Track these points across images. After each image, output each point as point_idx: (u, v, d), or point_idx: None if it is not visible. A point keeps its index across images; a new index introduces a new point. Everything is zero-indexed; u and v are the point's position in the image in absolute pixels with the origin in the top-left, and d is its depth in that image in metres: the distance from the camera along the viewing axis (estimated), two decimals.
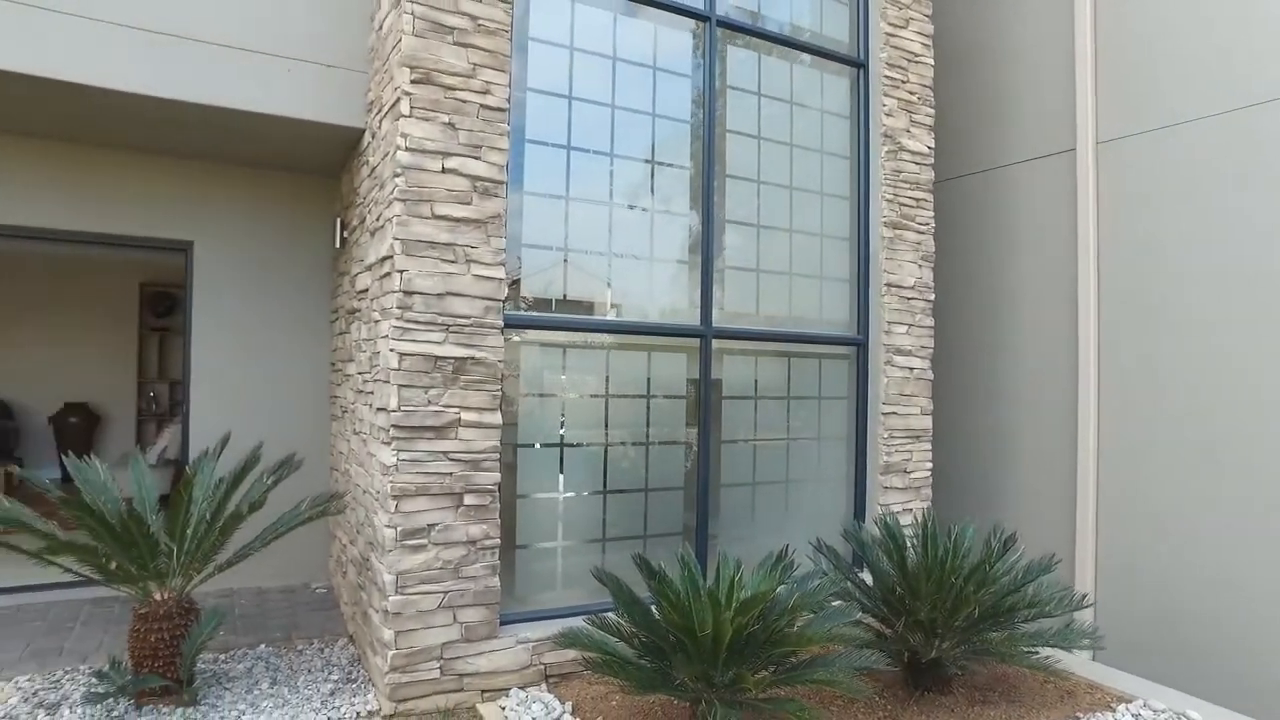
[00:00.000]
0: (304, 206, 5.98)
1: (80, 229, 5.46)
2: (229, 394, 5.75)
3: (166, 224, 5.63)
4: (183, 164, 5.66)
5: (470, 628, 4.01)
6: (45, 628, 4.91)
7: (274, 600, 5.55)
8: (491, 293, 4.11)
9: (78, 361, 10.48)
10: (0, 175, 5.23)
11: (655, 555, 4.32)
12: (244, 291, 5.83)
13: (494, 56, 4.09)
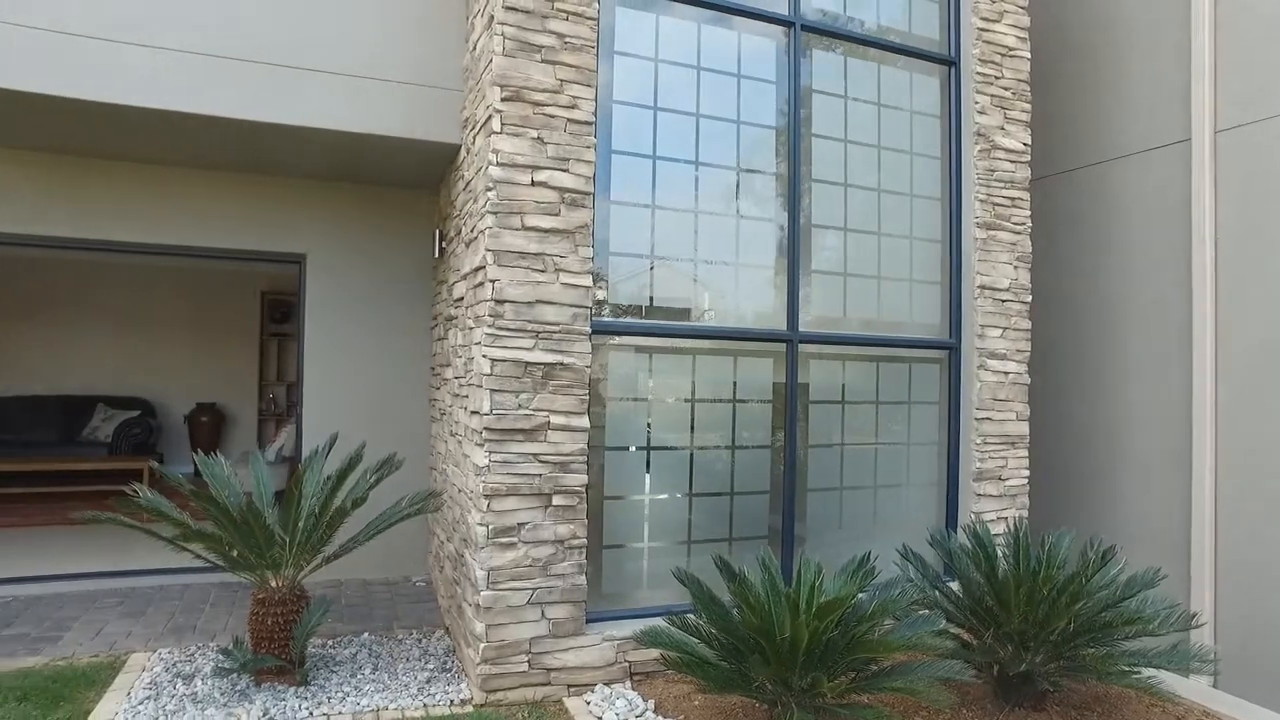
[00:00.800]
0: (407, 219, 6.30)
1: (209, 245, 5.95)
2: (338, 396, 6.12)
3: (282, 239, 6.06)
4: (297, 183, 6.08)
5: (558, 624, 4.16)
6: (182, 606, 5.37)
7: (377, 592, 5.88)
8: (579, 300, 4.25)
9: (208, 365, 11.32)
10: (148, 200, 5.76)
11: (740, 558, 4.36)
12: (352, 300, 6.20)
13: (580, 72, 4.23)
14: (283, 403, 11.53)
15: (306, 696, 4.03)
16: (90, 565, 5.95)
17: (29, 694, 3.99)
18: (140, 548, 4.32)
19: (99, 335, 10.87)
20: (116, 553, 6.02)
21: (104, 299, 10.87)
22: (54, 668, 4.35)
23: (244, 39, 4.69)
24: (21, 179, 5.55)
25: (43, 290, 10.67)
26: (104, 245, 5.94)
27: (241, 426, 11.44)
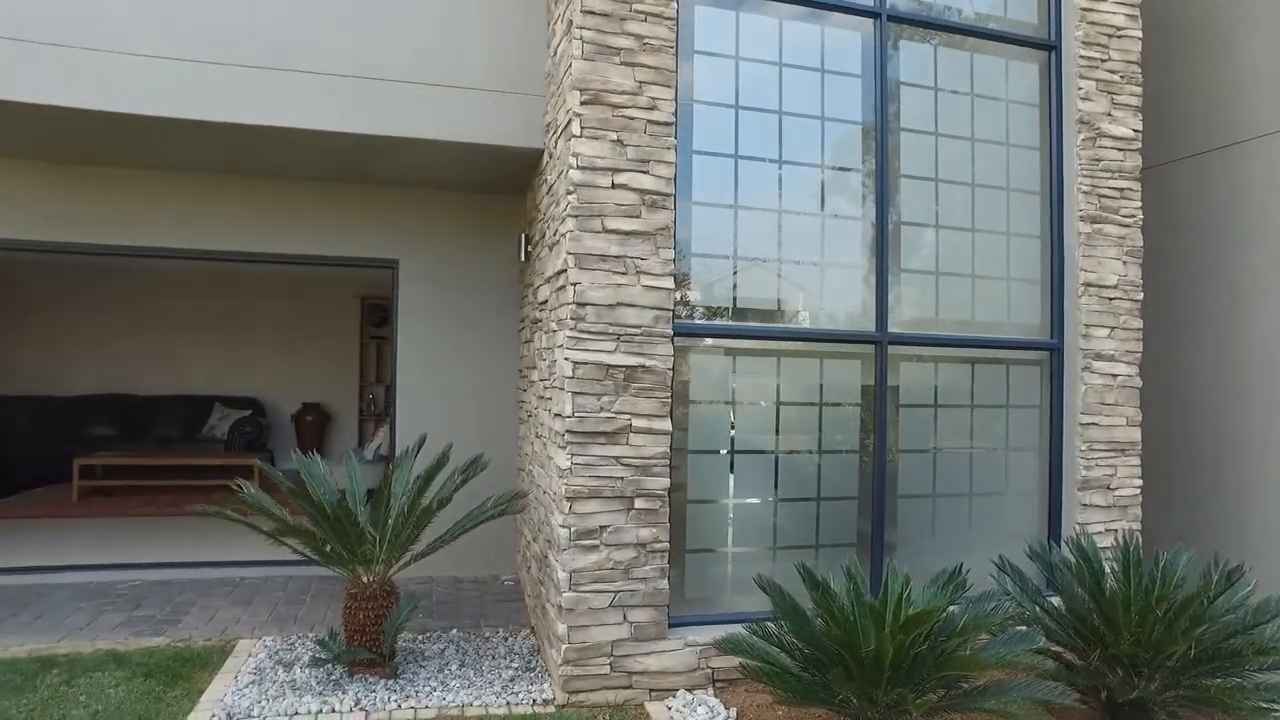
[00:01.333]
0: (494, 224, 6.43)
1: (309, 252, 6.24)
2: (429, 397, 6.29)
3: (376, 245, 6.28)
4: (389, 191, 6.29)
5: (639, 627, 4.15)
6: (285, 598, 5.64)
7: (467, 590, 6.02)
8: (661, 302, 4.23)
9: (313, 367, 11.88)
10: (254, 212, 6.09)
11: (827, 565, 4.26)
12: (442, 304, 6.37)
13: (659, 73, 4.21)
14: (381, 403, 11.97)
15: (395, 689, 4.15)
16: (206, 555, 6.33)
17: (153, 671, 4.30)
18: (250, 540, 4.56)
19: (217, 339, 11.57)
20: (229, 544, 6.37)
21: (219, 306, 11.56)
22: (174, 648, 4.65)
23: (344, 58, 4.88)
24: (170, 197, 6.00)
25: (167, 298, 11.43)
26: (217, 255, 6.30)
27: (344, 426, 11.95)
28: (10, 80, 4.48)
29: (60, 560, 6.18)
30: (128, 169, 5.91)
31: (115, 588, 5.75)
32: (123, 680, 4.19)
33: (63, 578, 5.91)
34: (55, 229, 5.88)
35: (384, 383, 11.93)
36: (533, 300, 5.57)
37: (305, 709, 3.92)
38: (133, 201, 5.95)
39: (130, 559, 6.26)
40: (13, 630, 4.88)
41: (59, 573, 5.97)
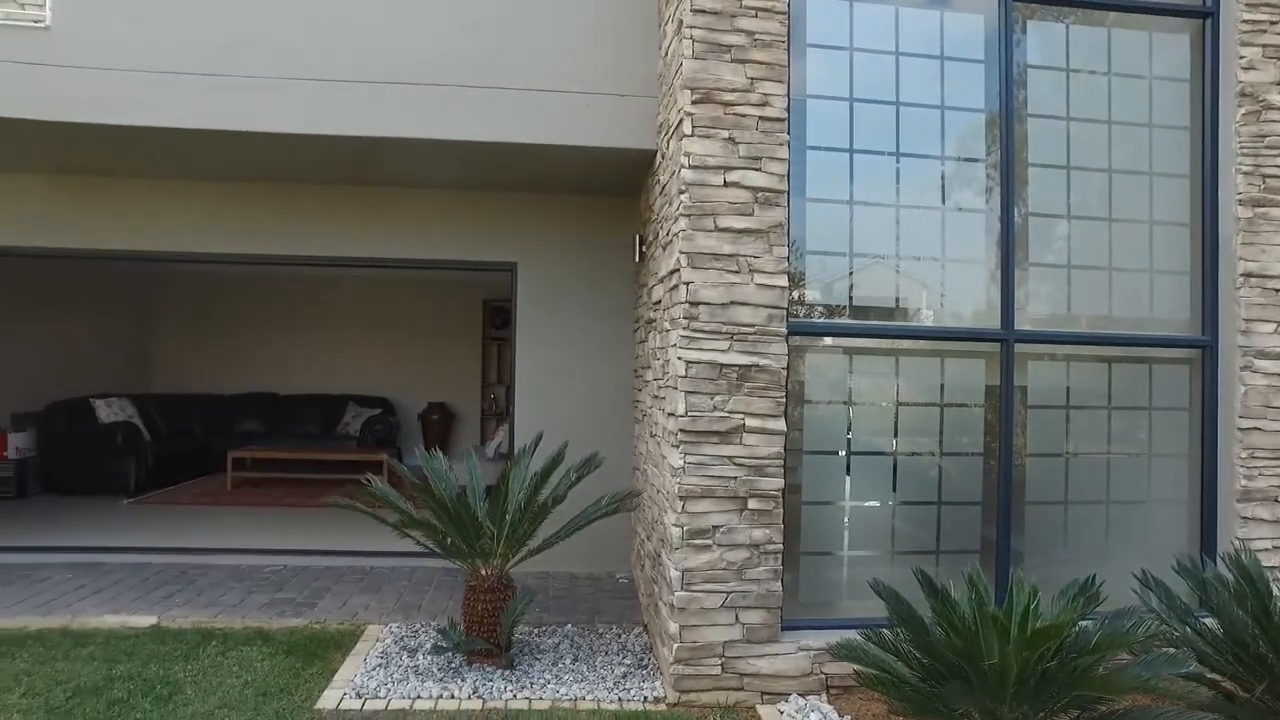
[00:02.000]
0: (609, 226, 6.52)
1: (432, 257, 6.52)
2: (546, 397, 6.45)
3: (495, 249, 6.50)
4: (508, 196, 6.49)
5: (751, 629, 4.10)
6: (410, 587, 5.91)
7: (582, 586, 6.12)
8: (774, 301, 4.17)
9: (438, 368, 12.42)
10: (381, 219, 6.43)
11: (948, 572, 4.08)
12: (559, 305, 6.51)
13: (771, 68, 4.15)
14: (502, 403, 12.36)
15: (512, 680, 4.27)
16: (340, 544, 6.71)
17: (293, 649, 4.61)
18: (379, 532, 4.81)
19: (351, 342, 12.29)
20: (361, 535, 6.73)
21: (353, 311, 12.28)
22: (311, 629, 4.96)
23: (465, 71, 5.09)
24: (309, 209, 6.44)
25: (307, 304, 12.23)
26: (352, 262, 6.72)
27: (467, 424, 12.43)
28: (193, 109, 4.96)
29: (217, 544, 6.72)
30: (272, 184, 6.36)
31: (261, 571, 6.19)
32: (267, 655, 4.51)
33: (219, 559, 6.42)
34: (213, 241, 6.41)
35: (504, 383, 12.31)
36: (647, 300, 5.61)
37: (427, 694, 4.10)
38: (278, 214, 6.40)
39: (274, 545, 6.73)
40: (180, 604, 5.36)
41: (216, 555, 6.49)
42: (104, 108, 4.93)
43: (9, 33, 5.02)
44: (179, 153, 5.64)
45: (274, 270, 11.57)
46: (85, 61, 4.92)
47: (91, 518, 7.87)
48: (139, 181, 6.36)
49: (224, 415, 11.40)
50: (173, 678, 4.21)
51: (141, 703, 3.92)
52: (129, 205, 6.37)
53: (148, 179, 6.36)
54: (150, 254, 6.70)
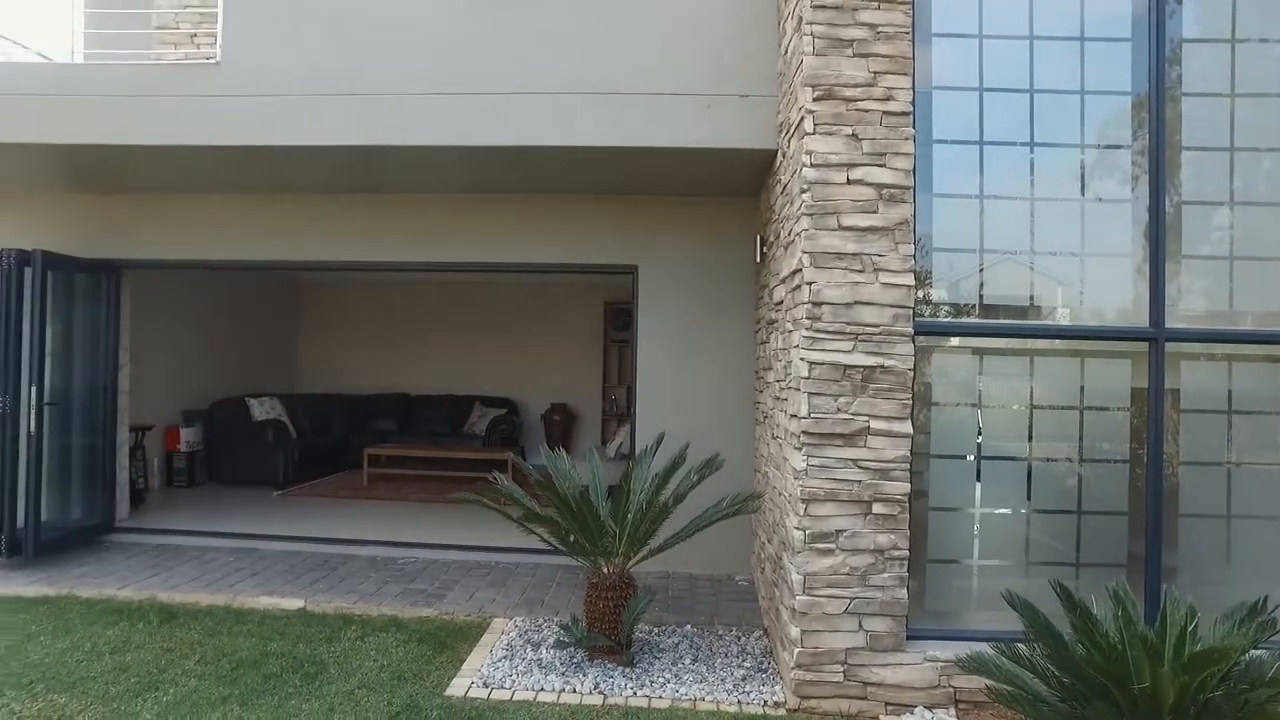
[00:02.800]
0: (729, 226, 6.51)
1: (555, 261, 6.70)
2: (667, 398, 6.50)
3: (616, 252, 6.61)
4: (628, 200, 6.59)
5: (875, 637, 4.00)
6: (533, 583, 6.09)
7: (702, 587, 6.13)
8: (900, 300, 4.05)
9: (560, 369, 12.72)
10: (505, 225, 6.66)
11: (1089, 586, 3.85)
12: (679, 307, 6.55)
13: (894, 61, 4.04)
14: (622, 404, 12.53)
15: (632, 677, 4.33)
16: (468, 539, 6.98)
17: (424, 638, 4.85)
18: (505, 528, 4.99)
19: (477, 344, 12.80)
20: (487, 531, 6.98)
21: (478, 314, 12.77)
22: (440, 620, 5.19)
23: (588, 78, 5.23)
24: (438, 217, 6.77)
25: (436, 307, 12.82)
26: (479, 267, 7.00)
27: (587, 425, 12.66)
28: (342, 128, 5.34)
29: (355, 535, 7.14)
30: (408, 195, 6.72)
31: (396, 562, 6.53)
32: (401, 642, 4.76)
33: (357, 550, 6.82)
34: (358, 250, 6.84)
35: (625, 384, 12.48)
36: (768, 301, 5.56)
37: (550, 687, 4.21)
38: (413, 224, 6.75)
39: (407, 539, 7.08)
40: (324, 590, 5.73)
41: (354, 545, 6.90)
42: (266, 131, 5.37)
43: (187, 70, 5.56)
44: (328, 169, 6.04)
45: (405, 276, 12.19)
46: (249, 91, 5.37)
47: (247, 506, 8.52)
48: (292, 196, 6.86)
49: (360, 414, 12.10)
50: (319, 657, 4.50)
51: (293, 678, 4.22)
52: (285, 219, 6.88)
53: (299, 194, 6.84)
54: (304, 264, 7.22)
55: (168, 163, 5.98)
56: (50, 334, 6.46)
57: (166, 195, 7.01)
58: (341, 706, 3.92)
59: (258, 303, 11.78)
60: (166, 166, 6.12)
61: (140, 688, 4.09)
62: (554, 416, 12.21)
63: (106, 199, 7.09)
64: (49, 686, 4.09)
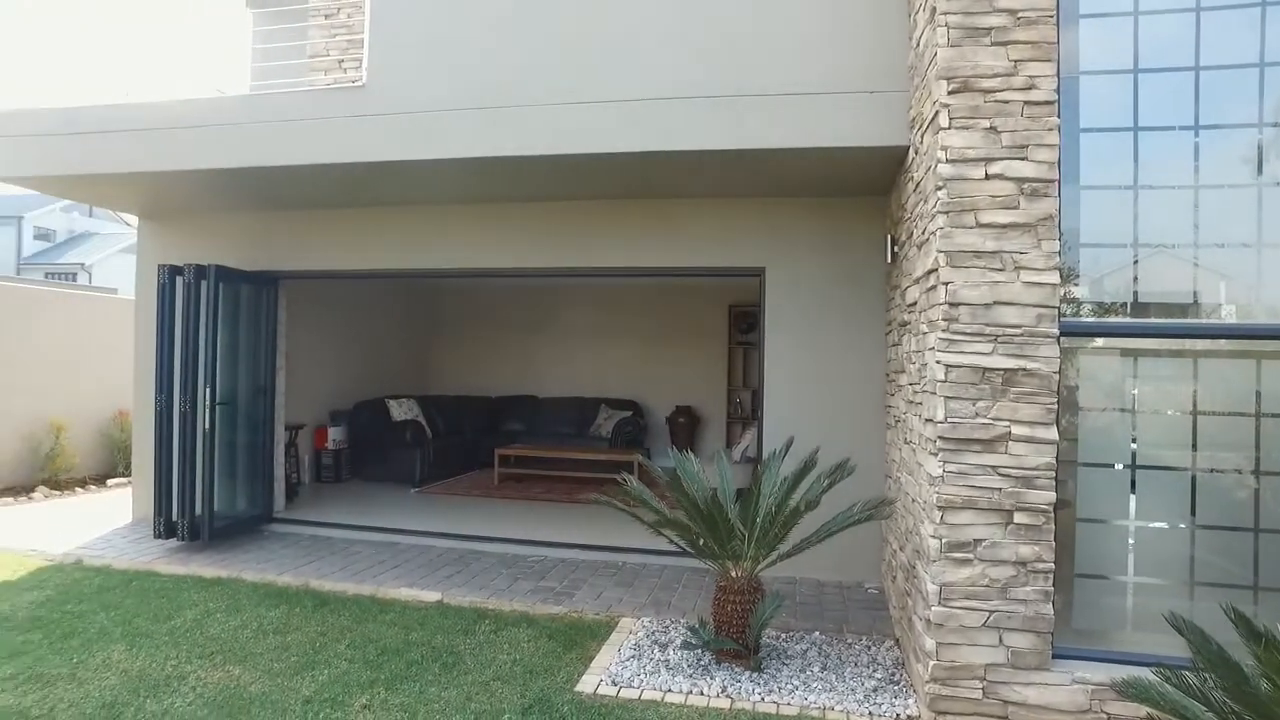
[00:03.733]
0: (858, 227, 6.37)
1: (684, 264, 6.74)
2: (795, 401, 6.42)
3: (744, 254, 6.58)
4: (753, 202, 6.55)
5: (1017, 653, 3.80)
6: (660, 584, 6.14)
7: (829, 593, 6.00)
8: (1044, 300, 3.85)
9: (685, 372, 12.78)
10: (639, 229, 6.77)
11: (1272, 612, 3.53)
12: (807, 309, 6.45)
13: (1037, 48, 3.83)
14: (747, 407, 12.45)
15: (759, 682, 4.30)
16: (595, 539, 7.13)
17: (554, 634, 4.99)
18: (630, 529, 5.07)
19: (603, 347, 13.05)
20: (614, 531, 7.12)
21: (605, 318, 13.01)
22: (570, 618, 5.32)
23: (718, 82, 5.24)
24: (571, 223, 6.97)
25: (563, 312, 13.16)
26: (609, 271, 7.16)
27: (712, 427, 12.65)
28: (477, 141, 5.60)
29: (487, 533, 7.42)
30: (539, 204, 6.94)
31: (526, 560, 6.74)
32: (532, 638, 4.91)
33: (489, 547, 7.10)
34: (494, 257, 7.13)
35: (750, 387, 12.42)
36: (900, 303, 5.40)
37: (677, 688, 4.23)
38: (545, 230, 6.97)
39: (536, 537, 7.30)
40: (459, 584, 5.99)
41: (486, 543, 7.18)
42: (405, 146, 5.69)
43: (336, 94, 5.98)
44: (462, 181, 6.33)
45: (533, 282, 12.59)
46: (390, 109, 5.71)
47: (387, 502, 9.03)
48: (428, 208, 7.23)
49: (490, 415, 12.57)
50: (455, 648, 4.71)
51: (432, 666, 4.44)
52: (422, 230, 7.27)
53: (435, 206, 7.20)
54: (441, 271, 7.61)
55: (319, 180, 6.43)
56: (220, 340, 7.07)
57: (317, 211, 7.53)
58: (478, 696, 4.08)
59: (396, 309, 12.46)
60: (318, 184, 6.58)
61: (300, 666, 4.41)
62: (679, 419, 12.27)
63: (266, 216, 7.70)
64: (225, 658, 4.49)
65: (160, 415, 6.96)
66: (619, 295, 12.89)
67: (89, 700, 4.00)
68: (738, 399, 12.56)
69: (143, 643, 4.71)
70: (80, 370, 10.49)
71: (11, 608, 5.30)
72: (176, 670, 4.34)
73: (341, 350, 10.94)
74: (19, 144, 6.66)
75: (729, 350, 12.60)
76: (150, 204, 7.75)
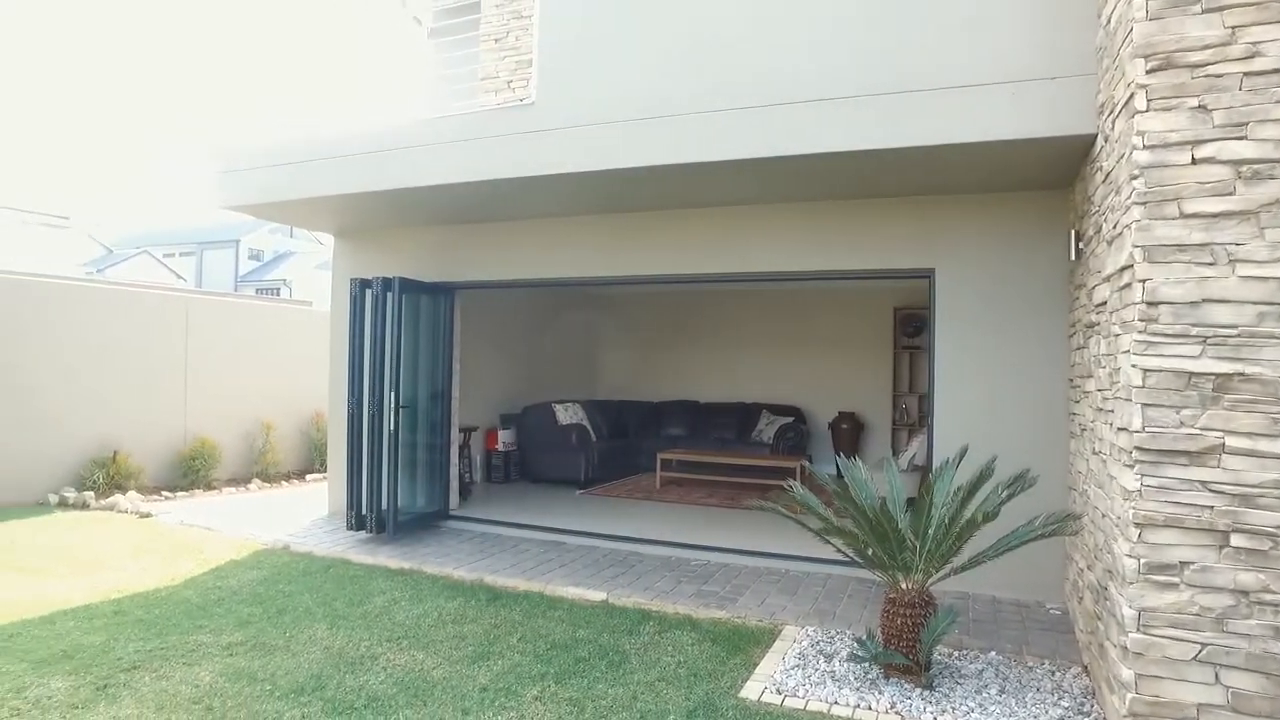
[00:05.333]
0: (1036, 223, 5.95)
1: (851, 267, 6.58)
2: (967, 408, 6.08)
3: (913, 255, 6.32)
4: (923, 200, 6.27)
5: (1241, 696, 3.39)
6: (824, 593, 6.00)
7: (1006, 611, 5.63)
8: (1268, 296, 3.42)
9: (847, 377, 12.45)
10: (802, 233, 6.67)
11: None
12: (981, 311, 6.10)
13: (1261, 9, 3.41)
14: (914, 413, 11.94)
15: (931, 701, 4.09)
16: (756, 545, 7.06)
17: (718, 639, 4.99)
18: (792, 536, 4.99)
19: (765, 353, 12.94)
20: (776, 538, 7.03)
21: (767, 323, 12.90)
22: (733, 623, 5.30)
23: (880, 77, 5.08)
24: (733, 228, 7.01)
25: (724, 318, 13.16)
26: (772, 276, 7.11)
27: (876, 434, 12.23)
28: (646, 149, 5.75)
29: (650, 535, 7.53)
30: (699, 210, 6.99)
31: (688, 564, 6.78)
32: (696, 641, 4.93)
33: (652, 550, 7.20)
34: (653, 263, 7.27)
35: (916, 393, 11.91)
36: (1086, 303, 4.99)
37: (844, 700, 4.11)
38: (703, 235, 7.02)
39: (698, 541, 7.32)
40: (624, 585, 6.12)
41: (649, 545, 7.28)
42: (572, 158, 5.91)
43: (506, 113, 6.31)
44: (623, 190, 6.49)
45: (694, 287, 12.66)
46: (559, 125, 5.96)
47: (554, 503, 9.37)
48: (594, 217, 7.48)
49: (652, 420, 12.75)
50: (621, 648, 4.81)
51: (599, 664, 4.55)
52: (588, 238, 7.52)
53: (600, 215, 7.43)
54: (607, 279, 7.81)
55: (493, 194, 6.79)
56: (404, 347, 7.61)
57: (491, 224, 7.96)
58: (643, 696, 4.15)
59: (561, 316, 12.91)
60: (492, 198, 6.95)
61: (476, 655, 4.66)
62: (842, 425, 11.95)
63: (445, 230, 8.22)
64: (410, 644, 4.82)
65: (351, 418, 7.58)
66: (782, 299, 12.73)
67: (300, 670, 4.43)
68: (903, 405, 12.08)
69: (340, 624, 5.14)
70: (284, 375, 11.63)
71: (238, 583, 5.98)
72: (369, 651, 4.70)
73: (511, 356, 11.48)
74: (244, 176, 7.50)
75: (894, 354, 12.14)
76: (343, 223, 8.48)
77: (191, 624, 5.07)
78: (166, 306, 10.48)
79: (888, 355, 12.17)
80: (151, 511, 8.53)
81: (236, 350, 11.12)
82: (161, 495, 9.52)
